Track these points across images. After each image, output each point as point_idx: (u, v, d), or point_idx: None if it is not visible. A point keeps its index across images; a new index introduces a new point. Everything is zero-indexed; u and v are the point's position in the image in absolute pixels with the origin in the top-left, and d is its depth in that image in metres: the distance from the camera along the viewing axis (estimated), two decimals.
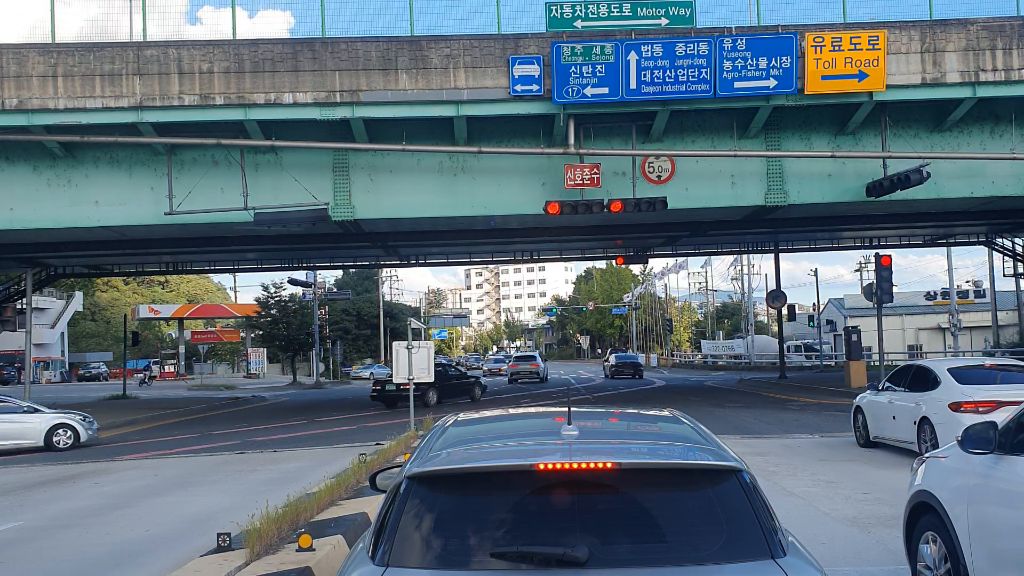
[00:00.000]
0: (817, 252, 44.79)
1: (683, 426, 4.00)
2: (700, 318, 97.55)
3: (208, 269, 46.13)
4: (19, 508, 11.64)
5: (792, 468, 12.57)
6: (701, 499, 3.25)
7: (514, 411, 5.94)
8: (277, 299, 57.32)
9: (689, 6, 18.74)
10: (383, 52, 18.96)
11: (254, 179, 20.20)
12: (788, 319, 44.24)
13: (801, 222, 28.44)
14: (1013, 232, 35.61)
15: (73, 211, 20.63)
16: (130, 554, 8.55)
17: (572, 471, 3.17)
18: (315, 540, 6.69)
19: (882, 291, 23.53)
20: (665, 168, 20.66)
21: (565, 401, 4.21)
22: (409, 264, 38.38)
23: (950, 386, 12.31)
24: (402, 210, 21.19)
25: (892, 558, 7.10)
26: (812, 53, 18.52)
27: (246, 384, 57.09)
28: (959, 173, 21.04)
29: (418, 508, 3.21)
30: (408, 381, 17.60)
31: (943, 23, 19.34)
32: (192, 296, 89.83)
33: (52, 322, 70.96)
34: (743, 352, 64.68)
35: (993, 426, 5.17)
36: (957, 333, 48.04)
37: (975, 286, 65.57)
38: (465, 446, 3.63)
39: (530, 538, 3.06)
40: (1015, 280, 40.94)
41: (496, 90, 18.92)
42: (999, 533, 4.87)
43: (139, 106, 18.66)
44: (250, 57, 18.79)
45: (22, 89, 18.51)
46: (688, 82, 18.42)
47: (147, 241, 26.08)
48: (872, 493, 10.40)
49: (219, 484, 13.05)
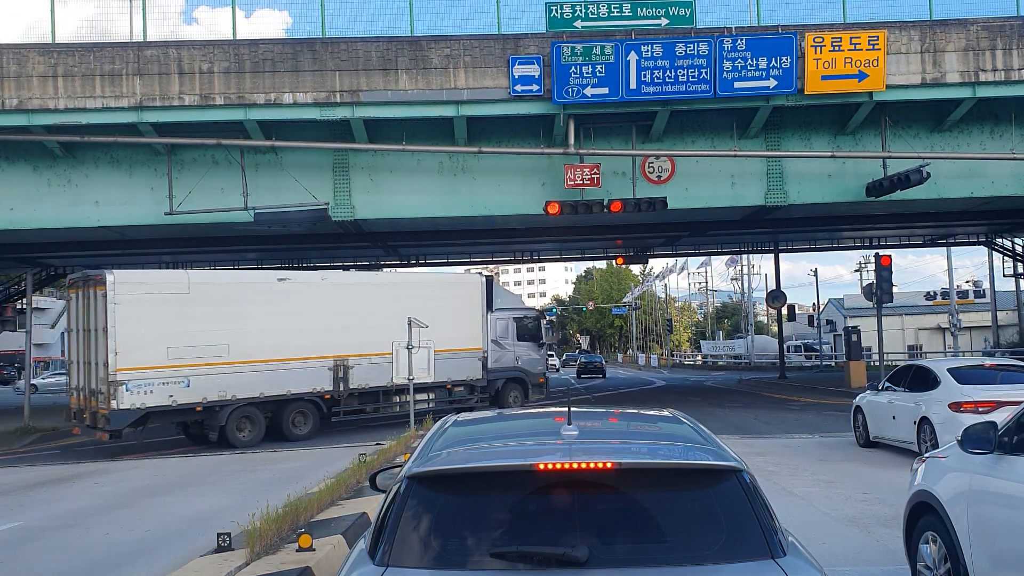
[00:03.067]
0: (817, 252, 44.83)
1: (683, 426, 4.00)
2: (700, 318, 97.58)
3: (208, 269, 46.07)
4: (19, 508, 11.64)
5: (792, 468, 12.58)
6: (701, 499, 3.25)
7: (514, 411, 5.94)
8: None
9: (689, 6, 18.73)
10: (383, 52, 18.96)
11: (254, 179, 20.20)
12: (788, 319, 44.25)
13: (801, 222, 28.45)
14: (1013, 232, 35.61)
15: (73, 211, 20.63)
16: (130, 554, 8.55)
17: (572, 471, 3.17)
18: (315, 540, 6.69)
19: (882, 291, 23.52)
20: (665, 168, 20.66)
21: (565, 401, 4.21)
22: (409, 264, 38.36)
23: (950, 386, 12.31)
24: (402, 210, 21.19)
25: (892, 558, 7.10)
26: (812, 53, 18.52)
27: None
28: (959, 173, 21.04)
29: (418, 508, 3.21)
30: (408, 381, 17.54)
31: (943, 23, 19.34)
32: None
33: (52, 322, 70.89)
34: (743, 352, 64.67)
35: (993, 426, 5.17)
36: (957, 333, 48.01)
37: (975, 286, 65.58)
38: (465, 446, 3.63)
39: (530, 538, 3.06)
40: (1015, 280, 40.93)
41: (496, 90, 18.93)
42: (999, 533, 4.87)
43: (139, 106, 18.66)
44: (250, 57, 18.79)
45: (22, 89, 18.51)
46: (688, 82, 18.42)
47: (147, 241, 26.08)
48: (872, 493, 10.40)
49: (219, 484, 13.05)
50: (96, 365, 17.49)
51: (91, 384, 17.75)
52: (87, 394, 17.92)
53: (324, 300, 20.11)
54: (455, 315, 21.99)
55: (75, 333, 18.47)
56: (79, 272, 19.46)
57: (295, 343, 19.30)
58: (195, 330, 17.55)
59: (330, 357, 19.98)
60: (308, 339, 19.58)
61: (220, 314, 18.35)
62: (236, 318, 18.57)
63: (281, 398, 19.27)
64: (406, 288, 21.93)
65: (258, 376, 18.77)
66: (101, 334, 17.25)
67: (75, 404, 18.50)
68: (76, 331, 18.41)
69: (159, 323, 17.24)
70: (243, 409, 18.71)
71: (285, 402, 19.36)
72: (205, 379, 17.87)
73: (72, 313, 18.67)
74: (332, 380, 20.01)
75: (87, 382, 17.95)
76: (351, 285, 21.60)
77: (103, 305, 17.18)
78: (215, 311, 18.30)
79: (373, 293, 21.25)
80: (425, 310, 18.34)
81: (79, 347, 18.23)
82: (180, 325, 17.03)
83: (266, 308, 19.09)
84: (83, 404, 18.10)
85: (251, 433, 18.78)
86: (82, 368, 18.16)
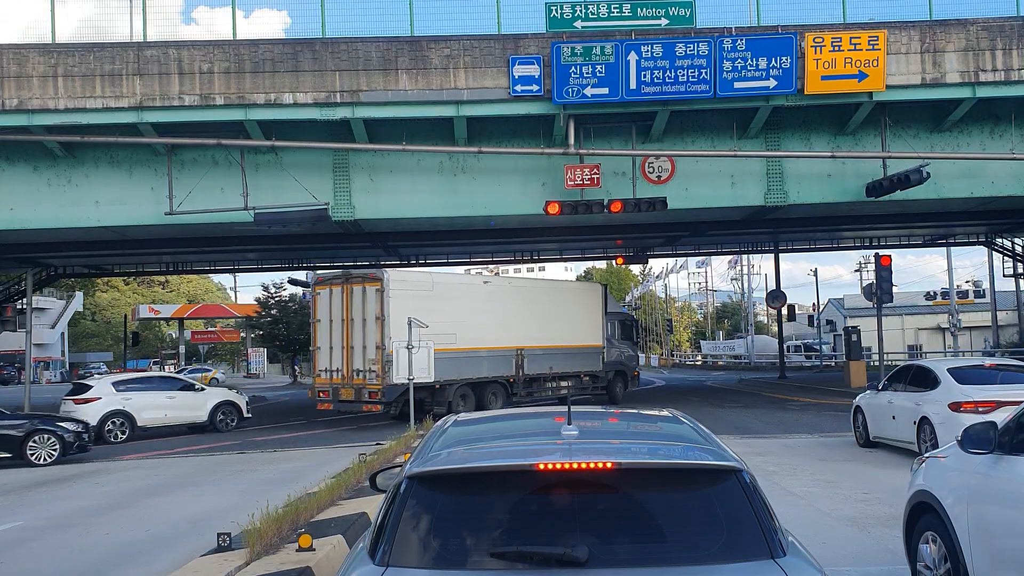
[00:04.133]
0: (817, 252, 44.82)
1: (683, 426, 4.00)
2: (700, 318, 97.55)
3: (208, 269, 46.13)
4: (19, 508, 11.65)
5: (792, 468, 12.58)
6: (701, 499, 3.25)
7: (514, 411, 5.95)
8: (277, 299, 57.27)
9: (689, 6, 18.73)
10: (383, 52, 18.96)
11: (254, 179, 20.20)
12: (788, 319, 44.25)
13: (801, 222, 28.45)
14: (1013, 232, 35.61)
15: (73, 211, 20.63)
16: (130, 554, 8.55)
17: (572, 471, 3.17)
18: (315, 540, 6.69)
19: (882, 291, 23.51)
20: (665, 168, 20.66)
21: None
22: (409, 264, 38.36)
23: (950, 386, 12.32)
24: (402, 210, 21.19)
25: (892, 558, 7.10)
26: (812, 53, 18.52)
27: (246, 384, 57.07)
28: (959, 173, 21.03)
29: (418, 508, 3.21)
30: (408, 380, 17.62)
31: (943, 23, 19.33)
32: (192, 296, 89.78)
33: (52, 322, 70.98)
34: (743, 352, 64.69)
35: (993, 426, 5.17)
36: (957, 333, 48.07)
37: (975, 286, 65.58)
38: (465, 446, 3.63)
39: (530, 538, 3.07)
40: (1015, 280, 40.94)
41: (496, 90, 18.92)
42: (999, 533, 4.87)
43: (139, 106, 18.66)
44: (250, 57, 18.80)
45: (22, 89, 18.51)
46: (688, 82, 18.42)
47: (147, 241, 26.07)
48: (872, 493, 10.40)
49: (219, 484, 13.05)
50: (364, 348, 20.99)
51: (354, 365, 21.23)
52: (346, 374, 21.37)
53: (510, 299, 24.22)
54: (585, 316, 26.57)
55: (328, 323, 21.83)
56: (336, 271, 24.29)
57: (494, 334, 23.12)
58: (435, 320, 19.63)
59: (514, 348, 23.85)
60: (503, 331, 23.48)
61: (451, 308, 21.81)
62: (461, 312, 22.12)
63: (483, 380, 22.98)
64: (551, 292, 26.68)
65: (473, 360, 22.53)
66: (373, 322, 20.89)
67: (323, 383, 21.79)
68: (331, 321, 21.76)
69: (413, 314, 19.02)
70: (462, 388, 22.30)
71: (485, 383, 23.08)
72: (441, 362, 20.20)
73: (324, 306, 22.00)
74: (514, 367, 23.84)
75: (348, 364, 21.35)
76: (523, 287, 25.87)
77: (377, 298, 20.88)
78: (448, 306, 21.74)
79: (534, 294, 25.39)
80: (566, 312, 24.80)
81: (334, 335, 21.65)
82: (426, 316, 19.02)
83: (478, 304, 22.94)
84: (340, 383, 21.47)
85: (466, 408, 21.74)
86: (341, 352, 21.50)
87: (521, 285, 26.26)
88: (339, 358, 21.51)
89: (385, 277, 20.94)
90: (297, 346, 58.24)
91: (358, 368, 21.05)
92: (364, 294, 21.11)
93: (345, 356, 21.38)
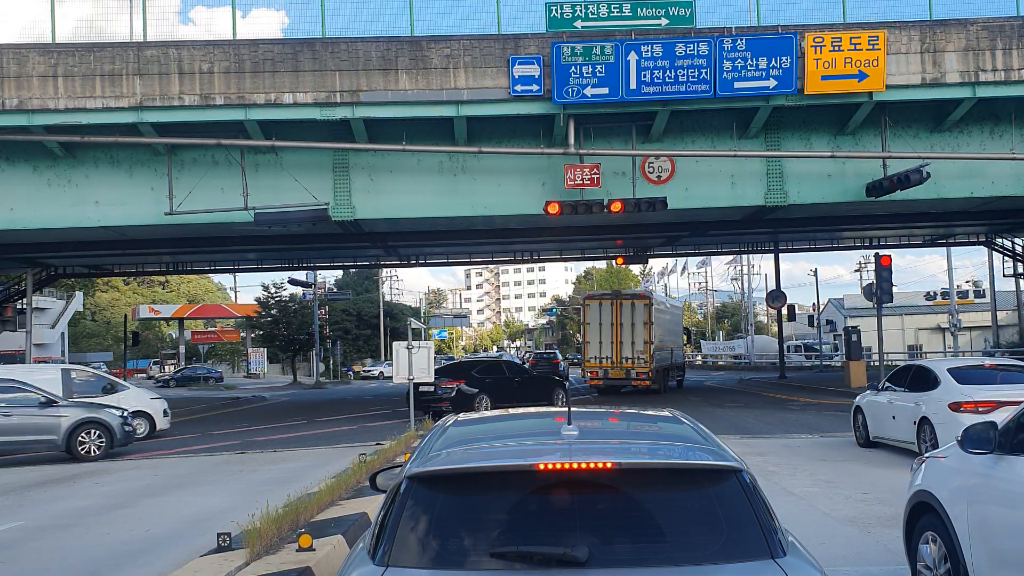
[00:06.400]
0: (817, 252, 44.85)
1: (683, 426, 4.00)
2: (700, 318, 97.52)
3: (208, 269, 46.15)
4: (19, 508, 11.64)
5: (792, 468, 12.58)
6: (701, 499, 3.25)
7: (513, 411, 5.94)
8: (277, 299, 57.32)
9: (689, 6, 18.72)
10: (383, 52, 18.96)
11: (254, 179, 20.20)
12: (788, 319, 44.24)
13: (801, 222, 28.46)
14: (1013, 232, 35.62)
15: (73, 211, 20.63)
16: (130, 554, 8.55)
17: (572, 471, 3.17)
18: (315, 540, 6.69)
19: (882, 291, 23.50)
20: (665, 168, 20.66)
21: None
22: (409, 264, 38.39)
23: (950, 386, 12.31)
24: (402, 210, 21.19)
25: (892, 558, 7.10)
26: (812, 53, 18.52)
27: (246, 384, 57.14)
28: (959, 173, 21.03)
29: (418, 508, 3.21)
30: (408, 380, 17.65)
31: (943, 23, 19.33)
32: (192, 296, 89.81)
33: (52, 322, 70.89)
34: (743, 352, 64.69)
35: (993, 426, 5.17)
36: (957, 333, 48.06)
37: (975, 286, 65.60)
38: (465, 446, 3.63)
39: (530, 538, 3.06)
40: (1015, 280, 40.93)
41: (496, 90, 18.92)
42: (999, 533, 4.87)
43: (139, 106, 18.66)
44: (250, 57, 18.79)
45: (22, 89, 18.51)
46: (688, 82, 18.41)
47: (147, 241, 26.09)
48: (872, 493, 10.40)
49: (219, 484, 13.05)
50: (634, 343, 29.62)
51: (623, 354, 29.70)
52: (615, 360, 29.83)
53: (672, 311, 36.38)
54: (678, 326, 37.62)
55: (598, 326, 30.21)
56: (606, 291, 40.19)
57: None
58: (659, 331, 30.93)
59: (669, 346, 33.88)
60: (666, 335, 33.50)
61: (667, 319, 33.70)
62: (643, 327, 29.94)
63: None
64: (676, 309, 40.47)
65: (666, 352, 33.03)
66: (641, 326, 29.62)
67: (594, 366, 30.27)
68: (600, 324, 30.17)
69: (659, 323, 30.20)
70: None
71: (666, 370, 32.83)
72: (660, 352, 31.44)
73: (595, 313, 30.48)
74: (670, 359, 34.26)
75: (617, 354, 29.78)
76: (677, 306, 39.70)
77: (645, 310, 29.83)
78: (664, 316, 33.06)
79: (673, 313, 37.78)
80: (673, 323, 36.03)
81: (604, 334, 30.01)
82: (663, 325, 30.93)
83: (670, 317, 35.49)
84: (609, 367, 29.94)
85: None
86: (611, 345, 29.87)
87: (676, 303, 44.57)
88: (608, 350, 29.77)
89: (653, 297, 31.50)
90: (297, 346, 58.27)
91: (627, 356, 29.52)
92: (633, 307, 29.79)
93: (615, 349, 29.60)
